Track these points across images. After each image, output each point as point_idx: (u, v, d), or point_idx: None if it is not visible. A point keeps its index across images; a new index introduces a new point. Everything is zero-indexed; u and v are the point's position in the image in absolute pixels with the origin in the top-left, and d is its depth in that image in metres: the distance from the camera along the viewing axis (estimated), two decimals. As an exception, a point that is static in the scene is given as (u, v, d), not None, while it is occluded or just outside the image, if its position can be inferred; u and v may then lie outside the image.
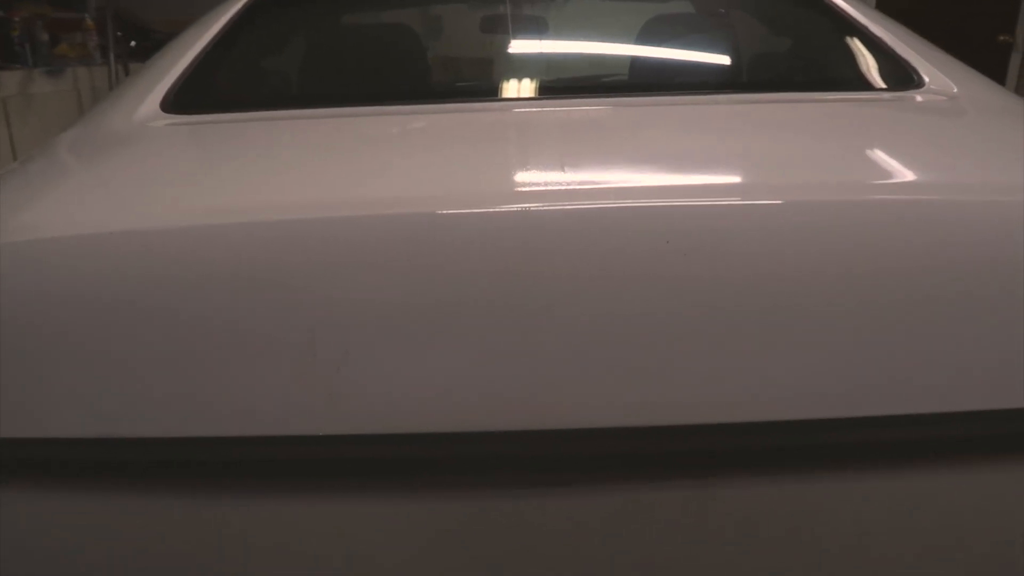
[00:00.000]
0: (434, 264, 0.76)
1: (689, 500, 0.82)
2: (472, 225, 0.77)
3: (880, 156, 0.96)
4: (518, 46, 1.72)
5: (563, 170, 0.87)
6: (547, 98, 1.38)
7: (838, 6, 1.53)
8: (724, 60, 1.65)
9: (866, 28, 1.45)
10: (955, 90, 1.25)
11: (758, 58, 1.68)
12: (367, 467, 0.82)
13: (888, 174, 0.91)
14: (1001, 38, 4.98)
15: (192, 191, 0.89)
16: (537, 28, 1.77)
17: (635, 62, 1.68)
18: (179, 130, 1.18)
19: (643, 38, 1.66)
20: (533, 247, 0.75)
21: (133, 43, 4.44)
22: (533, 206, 0.77)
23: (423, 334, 0.77)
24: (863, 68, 1.42)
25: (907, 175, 0.90)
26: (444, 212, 0.77)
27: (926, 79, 1.29)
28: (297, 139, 1.11)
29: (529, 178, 0.89)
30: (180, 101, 1.27)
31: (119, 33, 4.26)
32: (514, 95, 1.38)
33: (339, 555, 0.84)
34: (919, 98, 1.24)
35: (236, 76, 1.52)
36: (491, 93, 1.42)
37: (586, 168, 0.92)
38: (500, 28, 1.85)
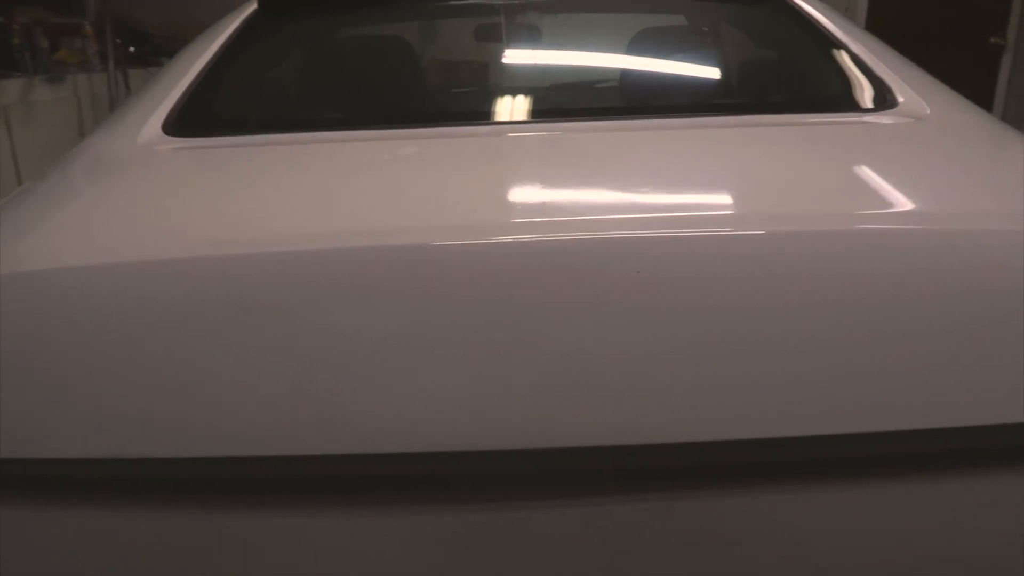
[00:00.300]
0: (426, 293, 0.80)
1: (676, 516, 0.85)
2: (462, 255, 0.81)
3: (839, 182, 0.98)
4: (516, 57, 1.78)
5: (550, 200, 0.92)
6: (544, 121, 1.40)
7: (815, 21, 1.52)
8: (704, 77, 1.67)
9: (845, 45, 1.45)
10: (927, 111, 1.25)
11: (737, 76, 1.69)
12: (357, 485, 0.85)
13: (848, 202, 0.92)
14: (992, 40, 5.00)
15: (191, 221, 0.93)
16: (533, 40, 1.80)
17: (621, 80, 1.72)
18: (180, 155, 1.20)
19: (630, 53, 1.69)
20: (519, 276, 0.80)
21: (132, 49, 4.46)
22: (522, 238, 0.81)
23: (411, 359, 0.81)
24: (838, 88, 1.43)
25: (865, 203, 0.92)
26: (437, 243, 0.81)
27: (900, 99, 1.29)
28: (295, 166, 1.14)
29: (518, 208, 0.94)
30: (181, 123, 1.28)
31: (118, 40, 4.28)
32: (510, 119, 1.42)
33: (332, 570, 0.88)
34: (888, 120, 1.25)
35: (237, 97, 1.54)
36: (489, 116, 1.46)
37: (571, 197, 0.97)
38: (494, 37, 1.89)
